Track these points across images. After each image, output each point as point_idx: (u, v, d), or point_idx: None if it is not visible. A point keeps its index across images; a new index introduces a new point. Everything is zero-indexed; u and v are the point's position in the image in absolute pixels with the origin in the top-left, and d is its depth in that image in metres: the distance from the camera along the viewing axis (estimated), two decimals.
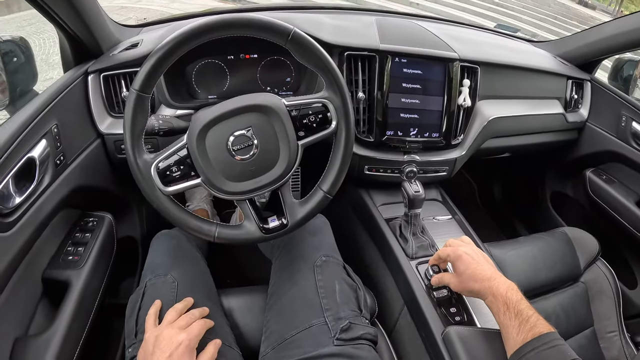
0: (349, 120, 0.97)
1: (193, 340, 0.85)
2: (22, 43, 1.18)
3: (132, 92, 0.86)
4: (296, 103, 0.94)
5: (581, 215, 1.89)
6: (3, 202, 0.89)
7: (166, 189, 0.89)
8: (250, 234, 0.96)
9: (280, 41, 0.91)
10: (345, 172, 0.99)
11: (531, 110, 1.61)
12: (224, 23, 0.86)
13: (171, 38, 0.84)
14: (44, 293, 1.10)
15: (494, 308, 0.88)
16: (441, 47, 1.37)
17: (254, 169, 0.91)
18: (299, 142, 0.94)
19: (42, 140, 1.03)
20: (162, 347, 0.82)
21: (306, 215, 0.98)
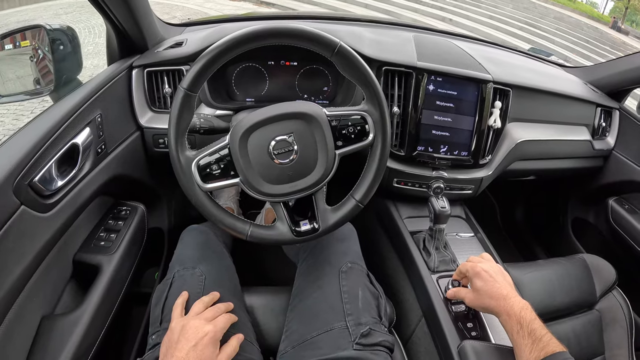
0: (385, 134, 0.99)
1: (218, 333, 0.88)
2: (69, 32, 1.21)
3: (180, 90, 0.89)
4: (337, 114, 0.96)
5: (601, 242, 1.88)
6: (45, 184, 0.93)
7: (205, 185, 0.92)
8: (282, 236, 0.98)
9: (327, 53, 0.93)
10: (378, 183, 1.01)
11: (559, 136, 1.61)
12: (275, 31, 0.89)
13: (223, 41, 0.87)
14: (73, 275, 1.13)
15: (508, 326, 0.90)
16: (476, 68, 1.39)
17: (291, 173, 0.94)
18: (337, 152, 0.96)
19: (86, 129, 1.07)
20: (187, 336, 0.85)
21: (337, 221, 1.01)
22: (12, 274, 0.85)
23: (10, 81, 1.21)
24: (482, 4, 12.87)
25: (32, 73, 1.22)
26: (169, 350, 0.85)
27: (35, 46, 1.20)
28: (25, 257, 0.89)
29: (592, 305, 1.35)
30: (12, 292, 0.86)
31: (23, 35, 1.21)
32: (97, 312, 1.05)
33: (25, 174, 0.87)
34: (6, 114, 4.43)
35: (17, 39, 1.21)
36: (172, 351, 0.83)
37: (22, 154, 0.88)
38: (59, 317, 1.01)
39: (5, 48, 1.19)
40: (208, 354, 0.84)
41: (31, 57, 1.21)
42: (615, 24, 19.01)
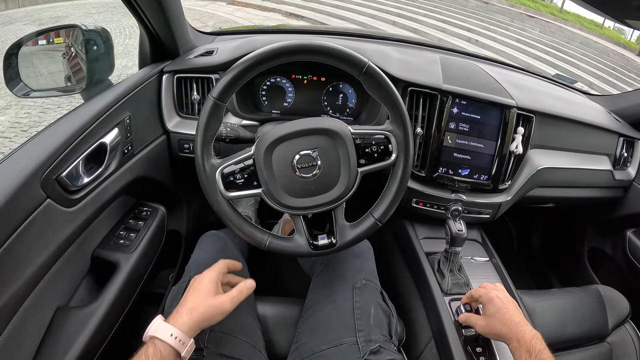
0: (408, 155, 1.00)
1: (215, 275, 0.92)
2: (104, 34, 1.24)
3: (209, 99, 0.91)
4: (361, 132, 0.98)
5: (617, 274, 1.85)
6: (72, 180, 0.96)
7: (227, 193, 0.93)
8: (300, 248, 0.99)
9: (355, 72, 0.95)
10: (398, 203, 1.02)
11: (580, 164, 1.60)
12: (306, 48, 0.91)
13: (255, 54, 0.90)
14: (91, 270, 1.15)
15: (517, 354, 0.90)
16: (500, 92, 1.39)
17: (314, 187, 0.95)
18: (359, 169, 0.97)
19: (115, 129, 1.10)
20: (192, 285, 0.91)
21: (355, 238, 1.01)
22: (33, 263, 0.87)
23: (42, 76, 1.23)
24: (510, 27, 12.82)
25: (64, 70, 1.25)
26: None
27: (68, 44, 1.24)
28: (46, 249, 0.91)
29: (603, 338, 1.34)
30: (31, 280, 0.88)
31: (57, 32, 1.24)
32: (112, 308, 1.07)
33: (54, 168, 0.90)
34: (33, 106, 4.52)
35: (51, 35, 1.24)
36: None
37: (52, 149, 0.91)
38: (74, 310, 1.03)
39: (39, 43, 1.21)
40: (205, 292, 0.87)
41: (64, 54, 1.24)
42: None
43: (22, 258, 0.85)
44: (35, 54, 1.22)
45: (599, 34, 17.69)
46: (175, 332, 0.80)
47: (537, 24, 14.84)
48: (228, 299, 0.89)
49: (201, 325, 0.85)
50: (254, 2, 11.88)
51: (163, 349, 0.78)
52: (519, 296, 1.30)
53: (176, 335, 0.79)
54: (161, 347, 0.78)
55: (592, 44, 14.64)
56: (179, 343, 0.79)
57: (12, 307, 0.85)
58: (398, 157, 1.00)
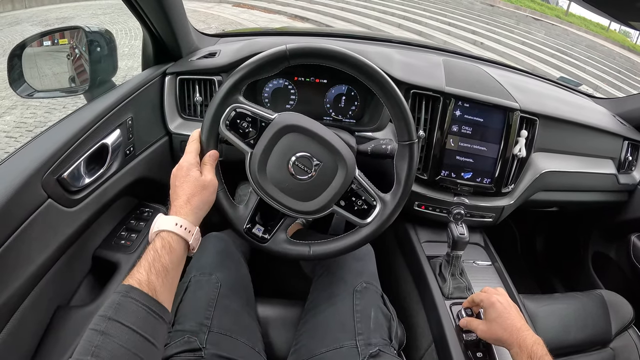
0: (379, 229, 1.01)
1: (186, 161, 0.92)
2: (107, 35, 1.25)
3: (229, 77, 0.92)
4: (361, 182, 0.99)
5: (621, 279, 1.83)
6: (73, 180, 0.96)
7: (224, 130, 0.94)
8: (236, 220, 1.01)
9: (400, 138, 0.98)
10: (339, 255, 1.04)
11: (584, 168, 1.59)
12: (331, 54, 0.92)
13: (277, 50, 0.91)
14: (92, 270, 1.16)
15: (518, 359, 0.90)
16: (503, 95, 1.38)
17: (292, 188, 0.96)
18: (334, 207, 0.98)
19: (117, 130, 1.11)
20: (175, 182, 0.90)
21: (281, 252, 1.03)
22: (33, 262, 0.87)
23: (46, 77, 1.24)
24: (515, 30, 12.81)
25: (68, 71, 1.26)
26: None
27: (72, 45, 1.24)
28: (47, 248, 0.91)
29: (606, 344, 1.33)
30: (32, 279, 0.89)
31: (62, 34, 1.25)
32: None
33: (55, 169, 0.91)
34: (39, 106, 4.54)
35: (56, 36, 1.24)
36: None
37: (54, 149, 0.91)
38: (74, 309, 1.03)
39: (44, 44, 1.22)
40: (192, 178, 0.88)
41: (68, 55, 1.25)
42: None
43: (23, 257, 0.85)
44: (39, 55, 1.23)
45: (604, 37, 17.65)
46: (179, 220, 0.80)
47: (543, 27, 14.84)
48: (211, 174, 0.91)
49: (204, 210, 0.87)
50: (260, 4, 11.93)
51: (170, 239, 0.77)
52: (521, 301, 1.29)
53: (181, 224, 0.79)
54: (168, 237, 0.77)
55: (598, 46, 14.61)
56: (184, 231, 0.79)
57: (12, 305, 0.85)
58: (371, 224, 1.00)
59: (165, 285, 0.72)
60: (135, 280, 0.69)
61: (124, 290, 0.67)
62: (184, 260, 0.81)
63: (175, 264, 0.77)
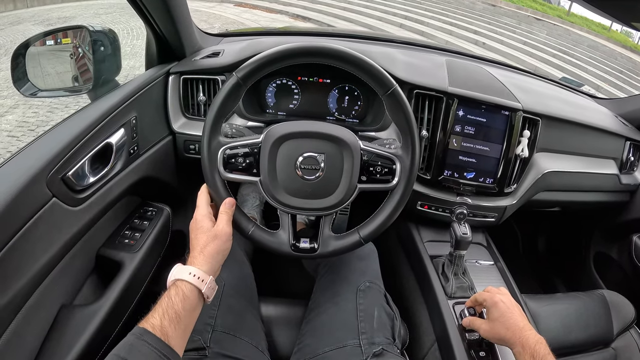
0: (409, 183, 1.00)
1: (200, 213, 0.93)
2: (111, 35, 1.25)
3: (233, 77, 0.93)
4: (370, 150, 0.99)
5: (622, 279, 1.83)
6: (78, 179, 0.96)
7: (225, 174, 0.95)
8: (280, 245, 1.00)
9: (380, 91, 0.96)
10: (387, 226, 1.03)
11: (586, 168, 1.59)
12: (341, 55, 0.93)
13: (291, 47, 0.91)
14: (95, 269, 1.16)
15: (521, 359, 0.89)
16: (506, 95, 1.38)
17: (310, 190, 0.96)
18: (359, 185, 0.98)
19: (121, 129, 1.11)
20: (192, 236, 0.91)
21: (336, 250, 1.02)
22: (37, 261, 0.88)
23: (49, 76, 1.24)
24: (517, 30, 12.80)
25: (71, 70, 1.26)
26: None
27: (76, 44, 1.24)
28: (52, 247, 0.92)
29: (608, 343, 1.33)
30: (36, 278, 0.89)
31: (65, 33, 1.25)
32: (115, 307, 1.07)
33: (60, 168, 0.91)
34: (41, 105, 4.55)
35: (59, 35, 1.24)
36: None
37: (58, 149, 0.91)
38: (78, 308, 1.03)
39: (47, 44, 1.22)
40: (205, 229, 0.89)
41: (71, 54, 1.25)
42: None
43: (28, 256, 0.85)
44: (42, 54, 1.23)
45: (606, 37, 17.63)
46: (194, 270, 0.82)
47: (544, 27, 14.82)
48: (223, 223, 0.91)
49: (217, 260, 0.88)
50: (262, 4, 11.92)
51: (184, 287, 0.79)
52: (523, 300, 1.29)
53: (194, 273, 0.81)
54: (182, 286, 0.79)
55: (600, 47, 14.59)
56: (198, 280, 0.81)
57: (16, 304, 0.85)
58: (399, 182, 1.00)
59: (177, 331, 0.74)
60: (150, 324, 0.72)
61: (138, 333, 0.70)
62: (198, 309, 0.83)
63: (189, 311, 0.79)
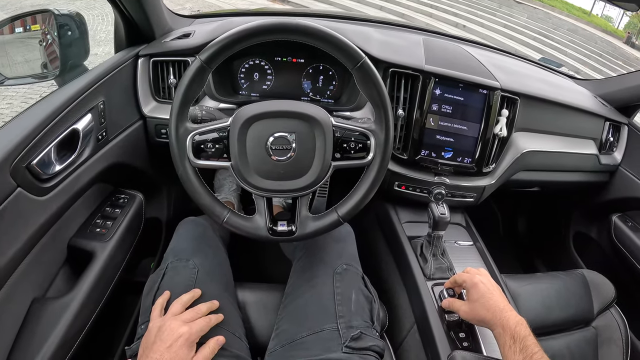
0: (385, 158, 0.98)
1: (193, 335, 0.87)
2: (78, 18, 1.21)
3: (197, 61, 0.89)
4: (343, 126, 0.96)
5: (602, 259, 1.86)
6: (43, 167, 0.93)
7: (195, 161, 0.93)
8: (257, 230, 0.98)
9: (349, 64, 0.93)
10: (365, 203, 1.01)
11: (565, 148, 1.59)
12: (306, 30, 0.89)
13: (254, 25, 0.87)
14: (67, 260, 1.13)
15: (501, 340, 0.89)
16: (484, 74, 1.37)
17: (282, 172, 0.94)
18: (333, 163, 0.96)
19: (88, 115, 1.07)
20: (163, 337, 0.84)
21: (314, 231, 1.00)
22: (4, 255, 0.85)
23: (18, 64, 1.21)
24: (498, 12, 12.84)
25: (41, 57, 1.22)
26: (145, 351, 0.85)
27: (45, 30, 1.21)
28: (19, 239, 0.89)
29: (588, 322, 1.34)
30: (4, 272, 0.87)
31: (34, 19, 1.21)
32: (88, 298, 1.05)
33: (24, 156, 0.88)
34: (15, 96, 4.44)
35: (28, 22, 1.21)
36: (148, 352, 0.83)
37: (22, 136, 0.88)
38: (50, 301, 1.01)
39: (16, 31, 1.19)
40: (182, 355, 0.83)
41: (40, 41, 1.21)
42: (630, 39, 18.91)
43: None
44: (10, 42, 1.21)
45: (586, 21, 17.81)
46: None
47: (525, 10, 14.90)
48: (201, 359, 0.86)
49: None
50: None
51: None
52: (503, 280, 1.29)
53: None
54: None
55: (580, 30, 14.73)
56: None
57: None
58: (374, 158, 0.98)
59: None
60: None
61: None
62: None
63: None
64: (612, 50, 12.56)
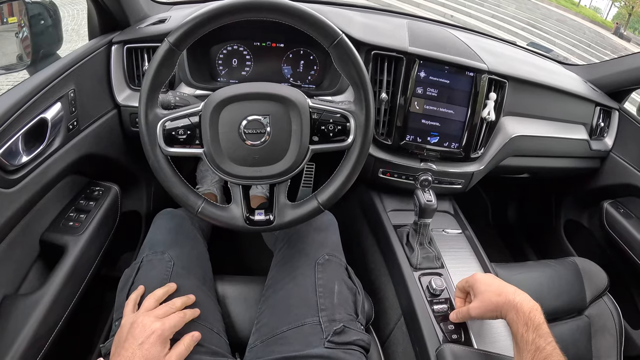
0: (366, 140, 0.95)
1: (167, 331, 0.83)
2: (50, 7, 1.19)
3: (165, 43, 0.85)
4: (320, 107, 0.92)
5: (594, 246, 1.85)
6: (9, 158, 0.90)
7: (167, 148, 0.89)
8: (233, 220, 0.95)
9: (325, 42, 0.89)
10: (346, 189, 0.98)
11: (555, 133, 1.56)
12: (278, 7, 0.85)
13: (221, 4, 0.83)
14: (40, 255, 1.10)
15: (514, 327, 0.86)
16: (471, 56, 1.34)
17: (258, 157, 0.90)
18: (311, 147, 0.93)
19: (57, 103, 1.04)
20: (135, 334, 0.81)
21: (295, 219, 0.97)
22: None
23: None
24: (486, 3, 12.90)
25: (17, 49, 1.19)
26: (117, 348, 0.82)
27: (21, 22, 1.17)
28: None
29: (581, 311, 1.32)
30: None
31: (10, 11, 1.17)
32: (60, 293, 1.02)
33: None
34: None
35: (5, 14, 1.17)
36: (120, 350, 0.80)
37: None
38: (21, 297, 0.98)
39: None
40: (155, 352, 0.80)
41: (16, 33, 1.18)
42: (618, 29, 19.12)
43: None
44: None
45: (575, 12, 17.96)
46: None
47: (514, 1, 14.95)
48: (175, 357, 0.83)
49: None
50: None
51: None
52: (493, 269, 1.27)
53: None
54: None
55: (569, 21, 14.86)
56: None
57: None
58: (355, 140, 0.94)
59: None
60: None
61: None
62: None
63: None
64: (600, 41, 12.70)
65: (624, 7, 24.59)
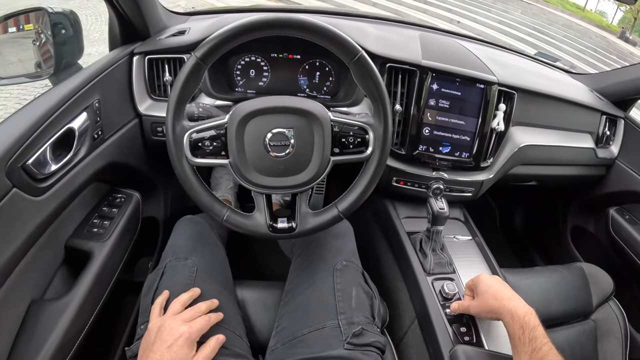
0: (384, 152, 0.98)
1: (194, 334, 0.86)
2: (72, 16, 1.21)
3: (192, 58, 0.88)
4: (341, 121, 0.96)
5: (600, 252, 1.86)
6: (39, 167, 0.92)
7: (193, 159, 0.92)
8: (257, 227, 0.98)
9: (346, 58, 0.92)
10: (365, 198, 1.01)
11: (562, 142, 1.59)
12: (302, 25, 0.88)
13: (250, 20, 0.86)
14: (65, 260, 1.12)
15: (510, 330, 0.89)
16: (481, 69, 1.36)
17: (282, 168, 0.93)
18: (332, 158, 0.96)
19: (83, 113, 1.06)
20: (163, 337, 0.84)
21: (315, 227, 1.00)
22: (1, 256, 0.84)
23: (11, 64, 1.20)
24: (493, 9, 12.86)
25: (35, 56, 1.21)
26: (145, 351, 0.84)
27: (38, 29, 1.20)
28: (15, 240, 0.87)
29: (587, 315, 1.34)
30: (1, 274, 0.85)
31: (27, 18, 1.20)
32: (87, 299, 1.04)
33: (19, 156, 0.86)
34: (9, 97, 4.41)
35: (21, 21, 1.20)
36: (148, 352, 0.83)
37: (16, 136, 0.86)
38: (48, 302, 1.00)
39: (9, 31, 1.18)
40: (182, 355, 0.82)
41: (34, 40, 1.20)
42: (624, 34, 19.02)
43: None
44: (4, 42, 1.21)
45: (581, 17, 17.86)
46: None
47: (520, 6, 14.92)
48: (202, 359, 0.86)
49: None
50: None
51: None
52: (502, 275, 1.29)
53: None
54: None
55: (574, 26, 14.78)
56: None
57: None
58: (374, 152, 0.98)
59: None
60: None
61: None
62: None
63: None
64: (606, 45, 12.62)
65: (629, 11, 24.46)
